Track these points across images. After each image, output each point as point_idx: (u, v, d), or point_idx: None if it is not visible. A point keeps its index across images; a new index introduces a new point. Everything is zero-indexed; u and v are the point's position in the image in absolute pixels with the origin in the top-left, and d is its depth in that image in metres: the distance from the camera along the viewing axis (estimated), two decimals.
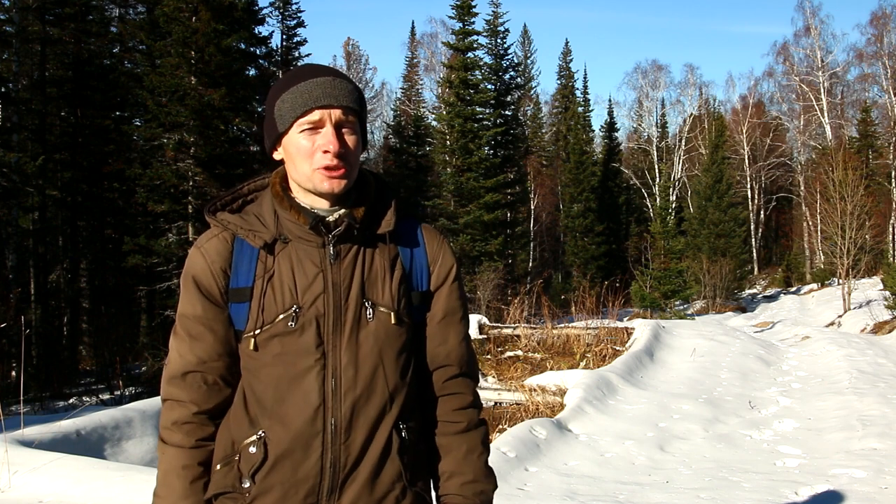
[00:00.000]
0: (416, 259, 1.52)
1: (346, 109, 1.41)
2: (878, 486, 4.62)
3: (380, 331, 1.43)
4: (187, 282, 1.48)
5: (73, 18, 18.18)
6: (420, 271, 1.52)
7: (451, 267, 1.55)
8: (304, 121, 1.40)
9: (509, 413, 7.30)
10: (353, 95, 1.43)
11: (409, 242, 1.52)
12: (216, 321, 1.45)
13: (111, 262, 18.72)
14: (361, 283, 1.44)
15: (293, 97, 1.40)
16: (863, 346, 10.60)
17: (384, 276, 1.46)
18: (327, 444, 1.40)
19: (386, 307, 1.45)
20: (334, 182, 1.41)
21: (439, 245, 1.55)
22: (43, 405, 11.83)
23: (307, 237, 1.44)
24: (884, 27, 34.51)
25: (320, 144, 1.39)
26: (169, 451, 1.48)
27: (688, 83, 46.10)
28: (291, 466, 1.39)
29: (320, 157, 1.39)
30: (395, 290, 1.46)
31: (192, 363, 1.46)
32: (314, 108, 1.39)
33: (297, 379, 1.40)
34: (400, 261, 1.50)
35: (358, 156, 1.45)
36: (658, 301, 20.95)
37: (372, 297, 1.44)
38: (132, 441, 5.33)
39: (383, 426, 1.43)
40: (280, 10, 27.48)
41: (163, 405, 1.51)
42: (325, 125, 1.40)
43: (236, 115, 16.43)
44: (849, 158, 23.65)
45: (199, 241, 1.49)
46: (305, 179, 1.42)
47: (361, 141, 1.46)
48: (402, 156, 30.30)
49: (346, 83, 1.43)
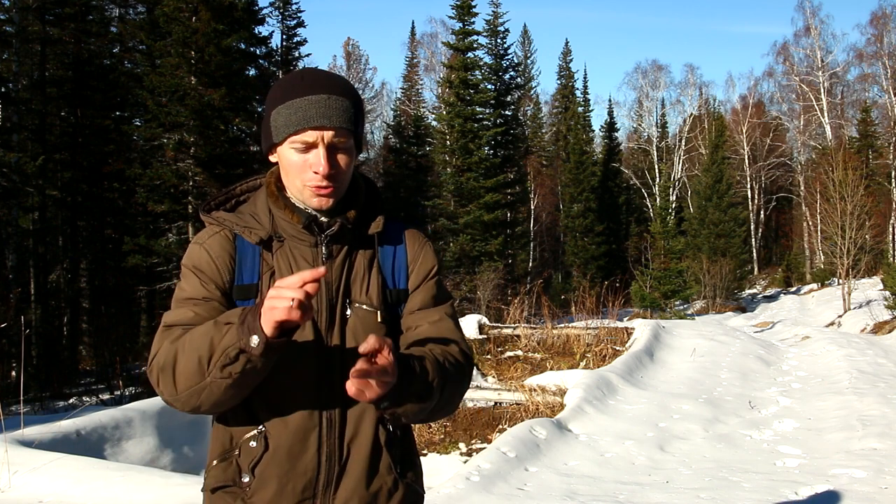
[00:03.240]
0: (397, 258, 1.55)
1: (339, 131, 1.40)
2: (878, 486, 4.62)
3: (357, 326, 1.45)
4: (187, 271, 1.46)
5: (73, 18, 18.19)
6: (399, 270, 1.54)
7: (432, 268, 1.57)
8: (297, 139, 1.40)
9: (509, 413, 7.30)
10: (348, 114, 1.41)
11: (391, 243, 1.55)
12: (216, 304, 1.41)
13: (111, 262, 18.73)
14: (349, 282, 1.48)
15: (288, 112, 1.40)
16: (863, 346, 10.60)
17: (364, 275, 1.50)
18: (323, 438, 1.43)
19: (366, 304, 1.48)
20: (322, 200, 1.43)
21: (420, 247, 1.58)
22: (43, 405, 11.83)
23: (301, 236, 1.47)
24: (884, 27, 34.53)
25: (311, 164, 1.40)
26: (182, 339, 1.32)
27: (688, 83, 46.18)
28: (289, 460, 1.42)
29: (310, 177, 1.41)
30: (374, 288, 1.49)
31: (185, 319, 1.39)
32: (307, 129, 1.39)
33: (296, 375, 1.42)
34: (377, 260, 1.52)
35: (349, 172, 1.46)
36: (658, 301, 20.95)
37: (357, 297, 1.48)
38: (132, 441, 5.34)
39: (367, 421, 1.46)
40: (280, 10, 27.47)
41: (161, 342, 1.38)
42: (317, 146, 1.40)
43: (236, 115, 16.44)
44: (849, 158, 23.64)
45: (200, 237, 1.49)
46: (296, 191, 1.46)
47: (356, 152, 1.47)
48: (402, 156, 30.30)
49: (341, 101, 1.41)
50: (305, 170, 1.41)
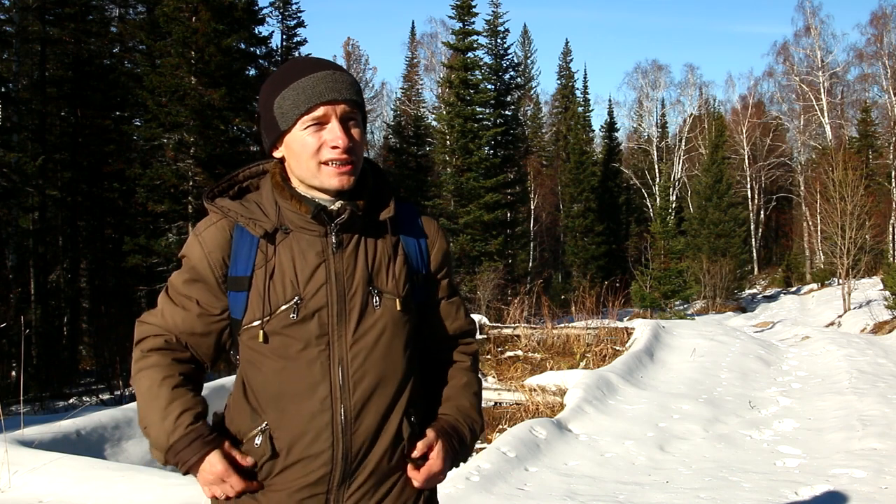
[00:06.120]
0: (418, 244, 1.53)
1: (350, 103, 1.39)
2: (878, 486, 4.62)
3: (386, 318, 1.43)
4: (184, 261, 1.49)
5: (73, 18, 18.16)
6: (420, 255, 1.52)
7: (447, 250, 1.59)
8: (309, 118, 1.38)
9: (509, 413, 7.30)
10: (355, 88, 1.42)
11: (408, 227, 1.53)
12: (203, 302, 1.45)
13: (111, 262, 18.72)
14: (366, 271, 1.43)
15: (295, 94, 1.38)
16: (863, 346, 10.60)
17: (388, 263, 1.46)
18: (338, 435, 1.40)
19: (391, 294, 1.45)
20: (343, 178, 1.40)
21: (436, 230, 1.58)
22: (43, 405, 11.83)
23: (309, 227, 1.43)
24: (884, 27, 34.50)
25: (328, 140, 1.38)
26: (144, 374, 1.44)
27: (688, 83, 46.15)
28: (300, 457, 1.39)
29: (328, 152, 1.38)
30: (400, 276, 1.46)
31: (169, 326, 1.47)
32: (319, 105, 1.37)
33: (301, 370, 1.40)
34: (402, 246, 1.50)
35: (363, 148, 1.44)
36: (658, 301, 20.95)
37: (377, 285, 1.44)
38: (132, 441, 5.33)
39: (395, 414, 1.44)
40: (280, 10, 27.50)
41: (135, 346, 1.49)
42: (330, 120, 1.38)
43: (236, 115, 16.43)
44: (849, 158, 23.62)
45: (198, 227, 1.49)
46: (311, 176, 1.41)
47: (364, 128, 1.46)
48: (402, 156, 30.30)
49: (346, 76, 1.42)
50: (322, 148, 1.38)
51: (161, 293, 1.51)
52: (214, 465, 1.38)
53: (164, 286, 1.55)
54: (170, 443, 1.37)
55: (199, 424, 1.40)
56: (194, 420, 1.39)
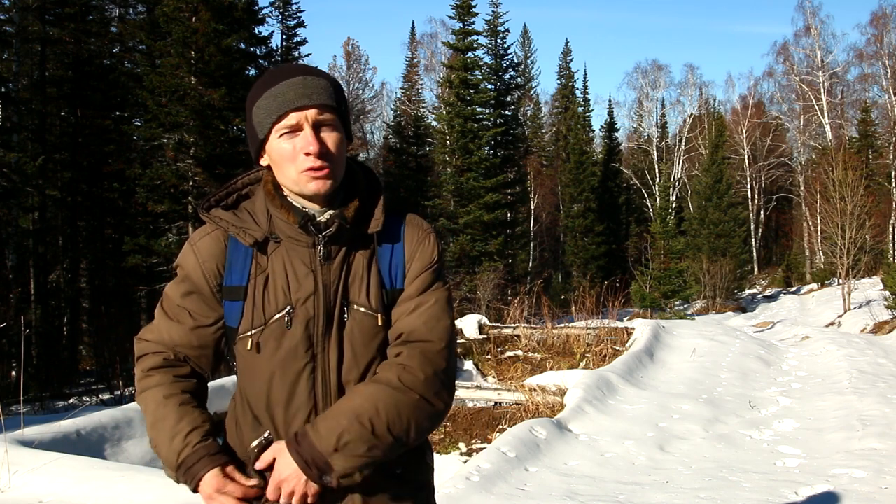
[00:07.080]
0: (394, 257, 1.48)
1: (321, 107, 1.38)
2: (878, 486, 4.62)
3: (355, 330, 1.42)
4: (178, 271, 1.50)
5: (73, 18, 18.18)
6: (396, 269, 1.47)
7: (430, 262, 1.48)
8: (282, 125, 1.38)
9: (509, 413, 7.29)
10: (328, 91, 1.40)
11: (389, 240, 1.48)
12: (196, 313, 1.47)
13: (111, 262, 18.73)
14: (346, 284, 1.44)
15: (267, 102, 1.38)
16: (863, 346, 10.60)
17: (362, 276, 1.45)
18: None
19: (364, 307, 1.43)
20: (319, 183, 1.39)
21: (419, 241, 1.49)
22: (43, 405, 11.84)
23: (297, 237, 1.42)
24: (884, 27, 34.50)
25: (301, 147, 1.37)
26: (149, 394, 1.46)
27: (688, 83, 46.15)
28: None
29: (303, 160, 1.37)
30: (374, 289, 1.45)
31: (166, 342, 1.48)
32: (289, 111, 1.37)
33: (291, 381, 1.41)
34: (376, 259, 1.47)
35: (342, 152, 1.42)
36: (658, 301, 20.95)
37: (360, 299, 1.43)
38: (132, 441, 5.33)
39: None
40: (280, 10, 27.50)
41: (136, 364, 1.50)
42: (302, 127, 1.37)
43: (236, 115, 16.42)
44: (849, 158, 23.62)
45: (194, 237, 1.49)
46: (292, 183, 1.41)
47: (345, 135, 1.43)
48: (402, 156, 30.31)
49: (318, 80, 1.40)
50: (297, 155, 1.37)
51: (157, 306, 1.52)
52: (209, 484, 1.39)
53: (163, 286, 1.56)
54: (179, 461, 1.39)
55: (207, 442, 1.41)
56: (202, 438, 1.40)
